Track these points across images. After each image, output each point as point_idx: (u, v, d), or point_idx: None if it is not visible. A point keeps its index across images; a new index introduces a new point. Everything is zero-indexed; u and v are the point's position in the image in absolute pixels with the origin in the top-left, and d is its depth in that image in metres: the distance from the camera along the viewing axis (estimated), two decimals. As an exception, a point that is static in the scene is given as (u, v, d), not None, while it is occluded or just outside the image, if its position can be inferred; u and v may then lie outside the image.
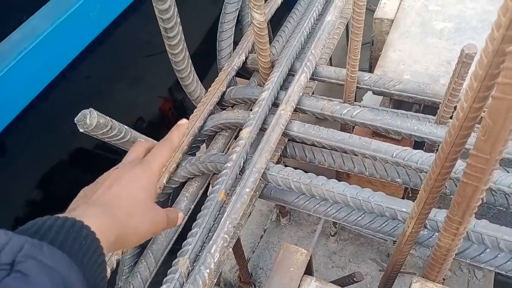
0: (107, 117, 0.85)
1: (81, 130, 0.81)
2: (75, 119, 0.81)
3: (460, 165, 0.86)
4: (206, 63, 1.66)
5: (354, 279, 1.12)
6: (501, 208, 0.93)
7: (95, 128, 0.81)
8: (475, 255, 0.84)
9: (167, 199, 1.05)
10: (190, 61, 1.03)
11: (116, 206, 0.59)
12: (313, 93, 1.36)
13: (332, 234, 1.71)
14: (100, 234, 0.50)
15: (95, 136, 0.85)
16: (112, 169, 0.71)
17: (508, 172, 0.89)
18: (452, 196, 0.85)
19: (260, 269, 1.71)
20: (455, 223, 0.65)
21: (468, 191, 0.59)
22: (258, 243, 1.78)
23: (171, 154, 0.74)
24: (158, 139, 1.02)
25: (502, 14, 0.42)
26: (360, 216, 0.93)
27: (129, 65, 2.03)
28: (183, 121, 0.81)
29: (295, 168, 0.97)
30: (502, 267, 0.82)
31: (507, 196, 0.88)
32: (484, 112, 0.51)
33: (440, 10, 1.40)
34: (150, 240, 0.97)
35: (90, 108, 0.82)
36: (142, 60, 2.08)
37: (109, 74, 1.89)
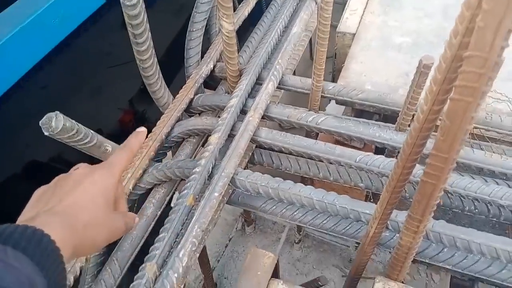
0: (73, 121, 0.83)
1: (46, 133, 0.79)
2: (40, 122, 0.80)
3: (418, 169, 0.91)
4: (173, 71, 1.66)
5: (319, 283, 1.15)
6: (457, 211, 0.98)
7: (61, 131, 0.80)
8: (433, 254, 0.88)
9: (132, 205, 1.04)
10: (158, 67, 1.03)
11: (74, 216, 0.57)
12: (278, 103, 1.39)
13: (296, 241, 1.74)
14: (59, 245, 0.49)
15: (60, 140, 0.83)
16: (72, 168, 0.69)
17: (462, 175, 0.94)
18: (411, 200, 0.90)
19: (225, 278, 1.70)
20: (415, 221, 0.69)
21: (428, 190, 0.62)
22: (223, 252, 1.78)
23: (130, 160, 0.72)
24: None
25: (459, 23, 0.46)
26: (325, 220, 0.96)
27: (89, 76, 1.98)
28: (142, 128, 0.80)
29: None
30: (458, 265, 0.87)
31: (462, 198, 0.94)
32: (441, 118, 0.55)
33: (399, 26, 1.47)
34: (114, 247, 0.96)
35: (56, 111, 0.80)
36: (102, 71, 2.04)
37: (67, 84, 1.84)
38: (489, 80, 0.45)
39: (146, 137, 1.06)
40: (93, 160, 0.91)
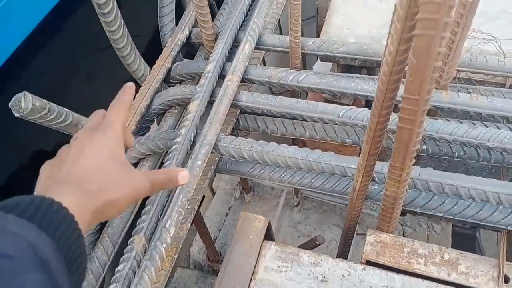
0: (44, 100, 0.81)
1: (16, 115, 0.78)
2: (9, 104, 0.78)
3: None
4: (151, 43, 1.62)
5: (316, 242, 1.15)
6: (447, 158, 0.96)
7: (31, 112, 0.78)
8: (423, 203, 0.87)
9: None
10: (130, 37, 1.00)
11: (86, 181, 0.54)
12: (265, 64, 1.35)
13: (295, 204, 1.74)
14: (74, 211, 0.46)
15: (33, 121, 0.81)
16: (72, 139, 0.66)
17: (449, 121, 0.92)
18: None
19: (228, 246, 1.71)
20: (397, 170, 0.67)
21: (404, 136, 0.60)
22: (224, 221, 1.79)
23: (127, 114, 0.67)
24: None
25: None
26: (313, 178, 0.94)
27: (84, 59, 1.95)
28: (130, 83, 0.74)
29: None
30: (449, 212, 0.86)
31: (450, 144, 0.92)
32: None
33: (380, -26, 1.41)
34: (105, 224, 0.95)
35: (24, 91, 0.78)
36: (96, 53, 2.00)
37: (63, 70, 1.81)
38: (450, 9, 0.42)
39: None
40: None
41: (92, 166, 0.57)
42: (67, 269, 0.42)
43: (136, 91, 1.07)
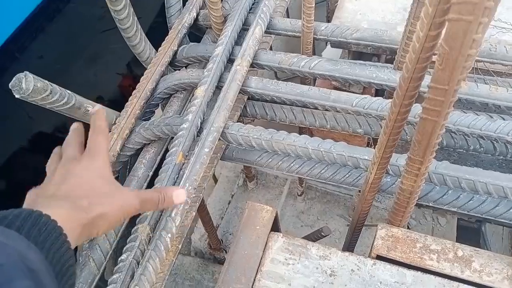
0: (46, 81, 0.78)
1: (17, 96, 0.74)
2: (10, 84, 0.74)
3: (419, 109, 0.85)
4: (157, 26, 1.58)
5: (322, 233, 1.12)
6: (461, 151, 0.93)
7: (33, 93, 0.74)
8: (437, 197, 0.84)
9: (124, 167, 1.00)
10: (136, 18, 0.96)
11: (76, 197, 0.55)
12: (271, 49, 1.31)
13: (299, 193, 1.71)
14: (63, 224, 0.47)
15: (35, 103, 0.78)
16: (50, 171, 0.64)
17: (466, 113, 0.88)
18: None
19: (230, 234, 1.70)
20: (416, 163, 0.64)
21: (428, 128, 0.57)
22: (227, 209, 1.76)
23: (107, 140, 0.69)
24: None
25: None
26: (323, 169, 0.91)
27: (84, 42, 1.91)
28: (97, 107, 0.75)
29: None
30: (464, 207, 0.83)
31: (466, 137, 0.88)
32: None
33: (395, -42, 1.36)
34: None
35: (25, 71, 0.75)
36: (97, 36, 1.96)
37: (63, 53, 1.77)
38: (493, -9, 0.38)
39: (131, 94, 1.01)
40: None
41: (81, 184, 0.58)
42: (56, 280, 0.42)
43: (141, 74, 1.04)
